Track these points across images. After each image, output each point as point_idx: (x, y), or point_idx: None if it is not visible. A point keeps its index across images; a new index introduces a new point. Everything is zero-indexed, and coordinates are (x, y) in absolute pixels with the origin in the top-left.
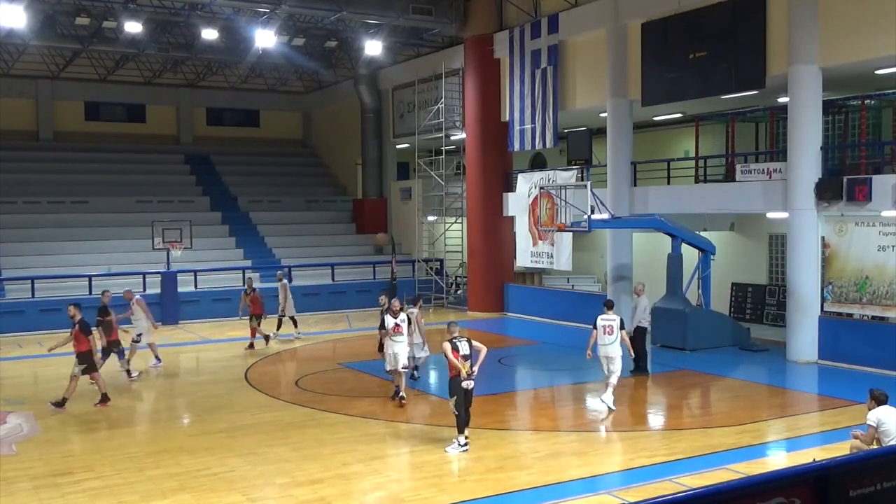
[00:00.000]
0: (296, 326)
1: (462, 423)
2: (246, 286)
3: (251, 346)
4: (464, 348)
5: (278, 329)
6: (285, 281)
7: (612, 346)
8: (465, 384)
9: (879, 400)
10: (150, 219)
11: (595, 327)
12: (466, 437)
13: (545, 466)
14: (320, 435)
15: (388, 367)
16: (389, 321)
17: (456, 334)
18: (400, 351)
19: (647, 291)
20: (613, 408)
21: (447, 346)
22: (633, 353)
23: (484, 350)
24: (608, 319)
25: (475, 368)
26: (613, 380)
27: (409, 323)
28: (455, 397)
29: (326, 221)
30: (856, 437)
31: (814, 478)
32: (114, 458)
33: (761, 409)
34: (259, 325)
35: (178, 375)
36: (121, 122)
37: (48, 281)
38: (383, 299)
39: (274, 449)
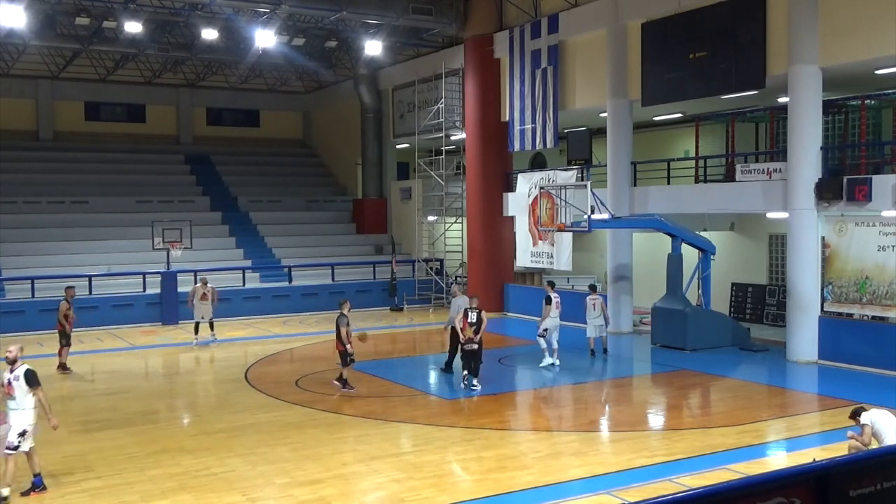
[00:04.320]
0: (200, 332)
1: (466, 367)
2: (66, 296)
3: (64, 366)
4: (472, 317)
5: (196, 332)
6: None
7: (599, 318)
8: (466, 346)
9: (863, 408)
10: (150, 219)
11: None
12: (467, 378)
13: (545, 466)
14: (320, 435)
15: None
16: (6, 376)
17: (474, 305)
18: (17, 421)
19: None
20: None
21: (461, 313)
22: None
23: (485, 322)
24: (594, 298)
25: (476, 336)
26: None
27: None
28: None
29: (326, 221)
30: (852, 438)
31: (814, 478)
32: (114, 458)
33: (761, 409)
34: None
35: (178, 375)
36: (121, 122)
37: (48, 281)
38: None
39: (274, 449)
